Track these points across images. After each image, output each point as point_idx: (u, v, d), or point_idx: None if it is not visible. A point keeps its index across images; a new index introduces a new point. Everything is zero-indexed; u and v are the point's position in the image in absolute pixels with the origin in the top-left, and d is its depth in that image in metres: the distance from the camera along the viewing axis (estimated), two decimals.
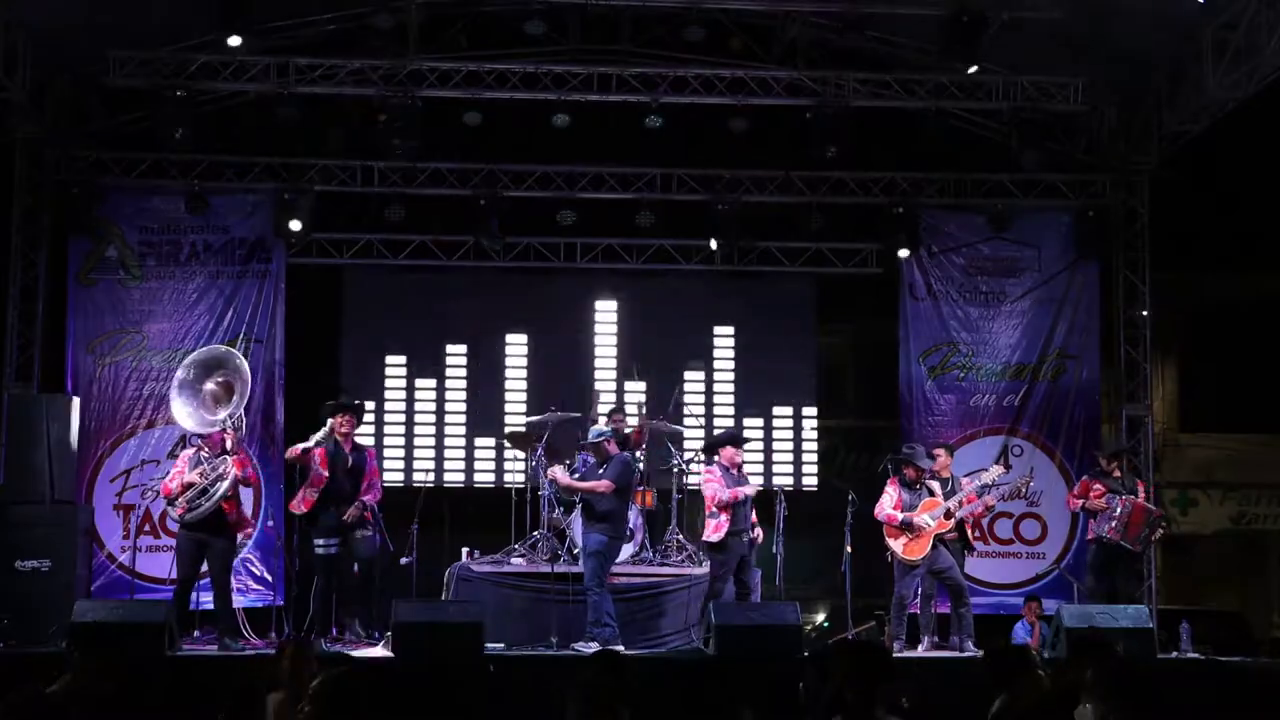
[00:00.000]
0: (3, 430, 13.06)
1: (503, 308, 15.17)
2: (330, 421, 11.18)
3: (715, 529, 11.02)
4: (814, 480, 15.40)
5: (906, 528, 11.23)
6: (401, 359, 15.07)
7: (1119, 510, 11.70)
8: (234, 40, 12.22)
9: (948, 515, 11.32)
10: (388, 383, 15.01)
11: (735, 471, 11.29)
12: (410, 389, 15.06)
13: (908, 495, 11.36)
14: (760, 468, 14.90)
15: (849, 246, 15.13)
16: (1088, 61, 13.43)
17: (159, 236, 14.23)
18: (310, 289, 14.89)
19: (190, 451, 10.99)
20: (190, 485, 10.69)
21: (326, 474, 11.06)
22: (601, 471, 10.93)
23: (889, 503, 11.39)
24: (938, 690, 8.78)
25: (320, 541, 11.11)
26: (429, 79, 13.50)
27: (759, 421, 15.20)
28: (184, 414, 11.15)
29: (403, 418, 15.01)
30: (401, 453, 14.94)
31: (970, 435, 14.51)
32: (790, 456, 15.33)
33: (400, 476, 14.72)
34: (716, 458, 11.39)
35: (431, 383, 15.07)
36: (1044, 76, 13.56)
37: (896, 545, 11.31)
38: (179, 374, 11.34)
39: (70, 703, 5.34)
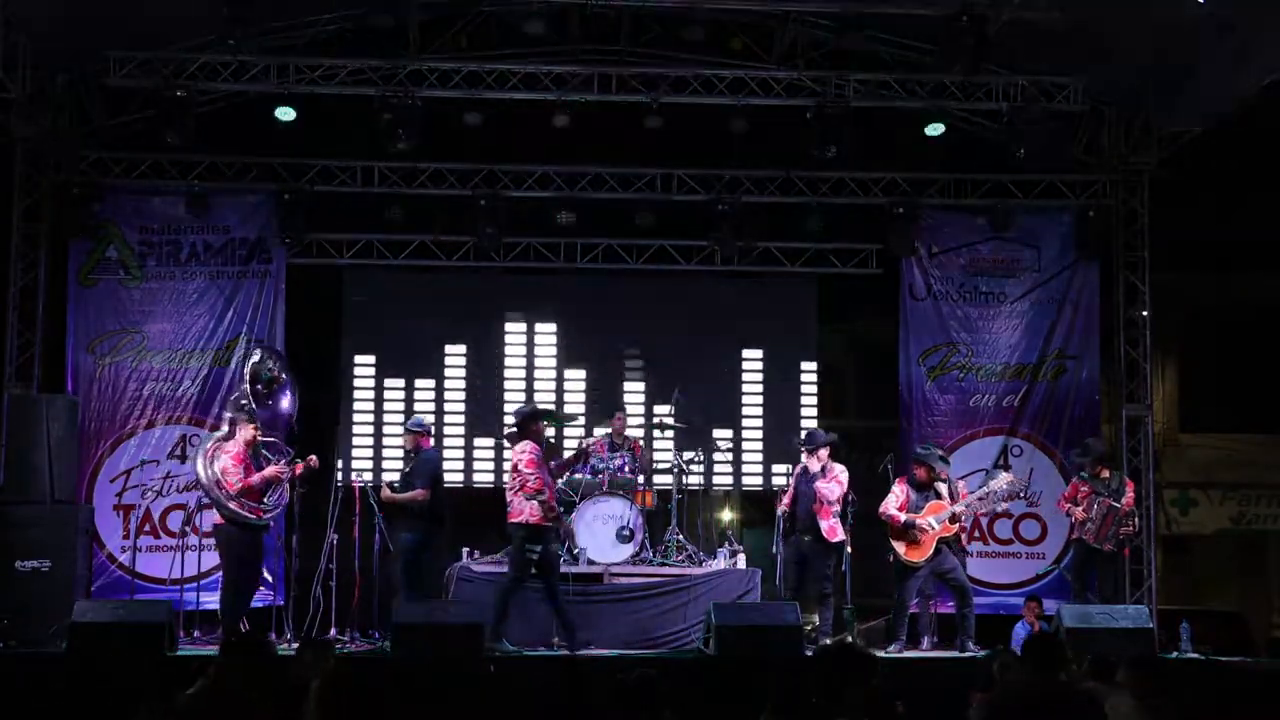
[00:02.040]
0: (3, 430, 13.06)
1: (502, 308, 15.15)
2: (536, 427, 10.89)
3: (837, 531, 11.36)
4: None
5: (909, 528, 11.19)
6: (402, 359, 15.04)
7: (1094, 512, 11.72)
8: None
9: (953, 520, 11.28)
10: (388, 383, 14.99)
11: (823, 472, 11.45)
12: (411, 389, 15.03)
13: (915, 496, 11.33)
14: (759, 468, 14.95)
15: (849, 246, 15.11)
16: (1088, 61, 13.42)
17: (159, 236, 14.23)
18: (310, 289, 14.88)
19: (240, 447, 10.86)
20: (270, 480, 10.83)
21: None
22: (410, 473, 11.29)
23: (894, 503, 11.34)
24: (939, 690, 8.78)
25: (538, 547, 10.67)
26: (429, 79, 13.48)
27: (758, 422, 15.18)
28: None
29: (403, 418, 14.95)
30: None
31: (970, 435, 14.51)
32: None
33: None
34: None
35: (431, 383, 15.03)
36: (1044, 77, 13.56)
37: (899, 547, 11.27)
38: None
39: (207, 706, 5.12)
